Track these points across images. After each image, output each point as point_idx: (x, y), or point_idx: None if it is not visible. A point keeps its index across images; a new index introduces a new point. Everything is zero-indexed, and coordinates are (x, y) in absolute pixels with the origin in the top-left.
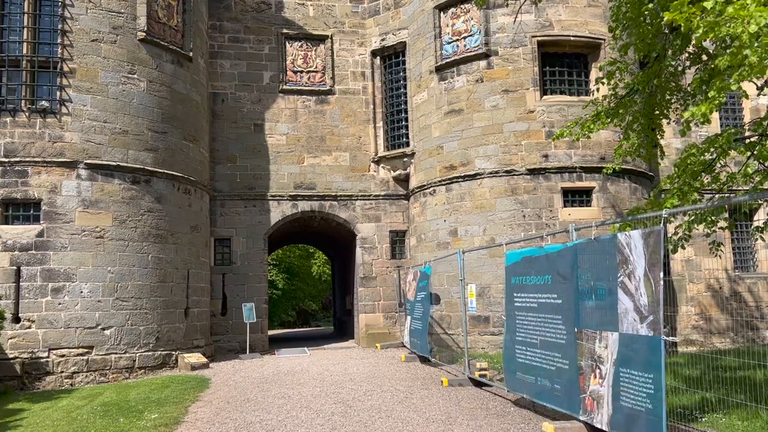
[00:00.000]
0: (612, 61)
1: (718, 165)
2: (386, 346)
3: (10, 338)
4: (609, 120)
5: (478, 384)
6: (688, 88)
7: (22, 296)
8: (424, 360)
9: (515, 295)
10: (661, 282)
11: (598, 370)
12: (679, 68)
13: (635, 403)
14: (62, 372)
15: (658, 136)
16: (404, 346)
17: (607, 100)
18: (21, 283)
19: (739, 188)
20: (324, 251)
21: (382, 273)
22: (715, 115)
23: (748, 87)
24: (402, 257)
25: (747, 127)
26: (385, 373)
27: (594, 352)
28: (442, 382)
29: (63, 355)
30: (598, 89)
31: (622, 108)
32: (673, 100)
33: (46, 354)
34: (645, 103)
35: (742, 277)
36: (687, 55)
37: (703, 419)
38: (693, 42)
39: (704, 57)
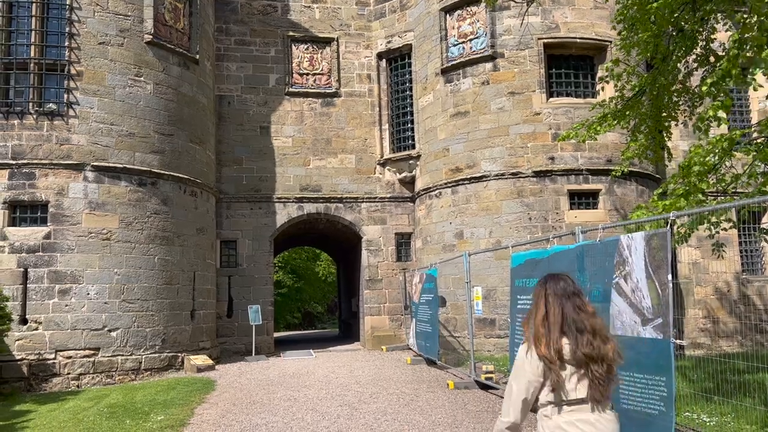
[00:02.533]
0: (615, 60)
1: (724, 166)
2: (392, 348)
3: (17, 340)
4: (615, 122)
5: (484, 387)
6: (696, 90)
7: (29, 298)
8: (430, 362)
9: (518, 297)
10: (670, 285)
11: None
12: (686, 70)
13: (639, 407)
14: (69, 373)
15: (666, 138)
16: (410, 349)
17: (614, 102)
18: (28, 285)
19: (744, 190)
20: (329, 253)
21: (388, 275)
22: (722, 116)
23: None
24: (407, 260)
25: (754, 129)
26: (391, 375)
27: None
28: (447, 384)
29: (69, 357)
30: (602, 88)
31: (629, 110)
32: (680, 102)
33: (52, 355)
34: (651, 104)
35: (750, 279)
36: (694, 56)
37: (711, 423)
38: (700, 43)
39: (712, 59)
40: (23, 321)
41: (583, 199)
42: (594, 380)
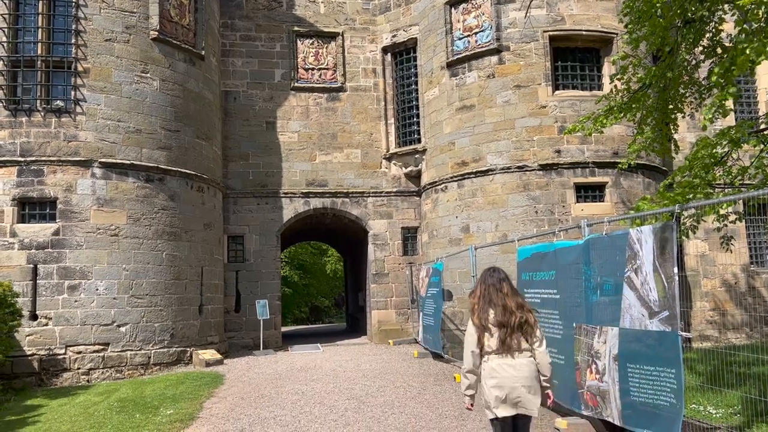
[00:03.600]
0: (624, 55)
1: (732, 158)
2: (399, 342)
3: (28, 335)
4: (622, 114)
5: None
6: (704, 82)
7: (39, 294)
8: (437, 356)
9: (525, 291)
10: (676, 277)
11: (594, 365)
12: (693, 62)
13: (650, 399)
14: (79, 368)
15: (672, 130)
16: (417, 342)
17: (620, 94)
18: (38, 281)
19: (752, 182)
20: (336, 248)
21: (395, 269)
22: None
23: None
24: (414, 254)
25: (761, 120)
26: (398, 369)
27: (591, 347)
28: (454, 378)
29: (79, 352)
30: (615, 86)
31: (635, 102)
32: (687, 94)
33: (63, 351)
34: (658, 97)
35: (758, 271)
36: (701, 48)
37: (717, 415)
38: (707, 35)
39: (719, 50)
40: (33, 317)
41: (589, 192)
42: (501, 337)
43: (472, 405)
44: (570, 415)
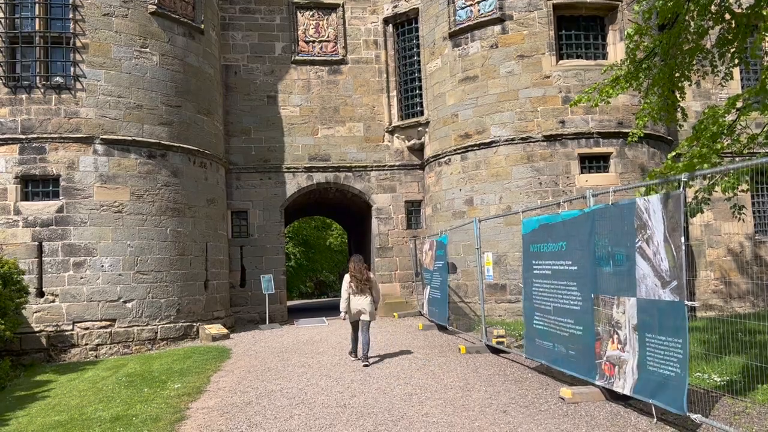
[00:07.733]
0: (638, 27)
1: (740, 125)
2: (403, 315)
3: (35, 312)
4: (628, 84)
5: (495, 351)
6: (713, 49)
7: (44, 271)
8: (442, 328)
9: (533, 262)
10: (683, 247)
11: (616, 335)
12: (706, 27)
13: (662, 369)
14: (86, 344)
15: (680, 99)
16: (421, 315)
17: (626, 63)
18: (43, 258)
19: (760, 150)
20: (340, 222)
21: (398, 243)
22: (737, 76)
23: None
24: (418, 227)
25: None
26: (403, 341)
27: (611, 317)
28: (459, 349)
29: (87, 328)
30: (629, 58)
31: (643, 72)
32: (694, 62)
33: (70, 327)
34: (666, 64)
35: (763, 240)
36: (709, 15)
37: (722, 383)
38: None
39: (727, 16)
40: (40, 294)
41: (594, 163)
42: (357, 287)
43: (344, 318)
44: (576, 385)
